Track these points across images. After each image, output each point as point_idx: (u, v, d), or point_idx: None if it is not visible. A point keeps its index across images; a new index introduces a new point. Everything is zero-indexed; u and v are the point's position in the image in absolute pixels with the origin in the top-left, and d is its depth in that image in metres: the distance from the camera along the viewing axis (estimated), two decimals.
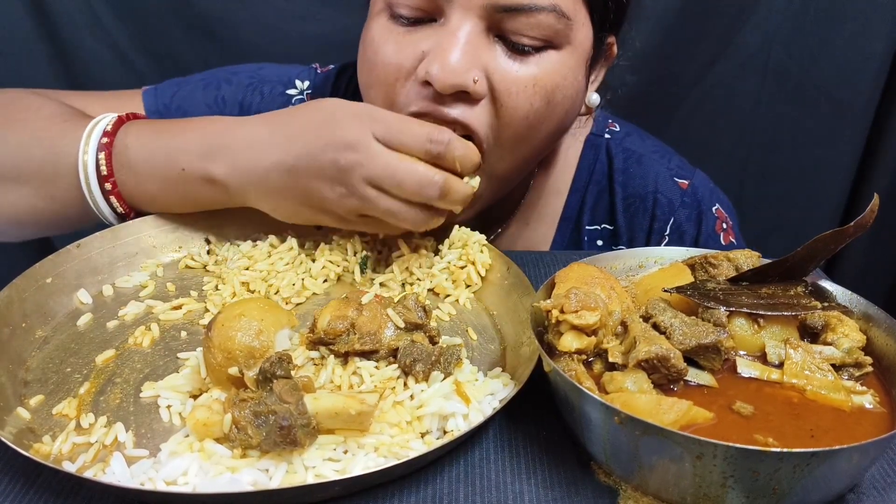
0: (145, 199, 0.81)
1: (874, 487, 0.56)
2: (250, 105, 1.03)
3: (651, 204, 0.99)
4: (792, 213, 1.65)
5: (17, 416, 0.59)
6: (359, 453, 0.55)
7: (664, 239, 1.00)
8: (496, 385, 0.62)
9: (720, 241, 1.00)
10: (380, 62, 0.78)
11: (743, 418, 0.55)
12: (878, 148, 1.58)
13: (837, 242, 0.65)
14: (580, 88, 0.83)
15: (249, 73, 1.05)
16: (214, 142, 0.76)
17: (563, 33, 0.76)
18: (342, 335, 0.64)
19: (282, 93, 1.04)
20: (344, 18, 1.41)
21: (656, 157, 1.02)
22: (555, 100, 0.79)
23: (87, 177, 0.78)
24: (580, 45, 0.79)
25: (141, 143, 0.79)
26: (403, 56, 0.77)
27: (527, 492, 0.55)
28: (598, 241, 1.03)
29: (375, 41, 0.79)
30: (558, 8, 0.74)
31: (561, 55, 0.78)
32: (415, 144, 0.70)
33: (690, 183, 1.00)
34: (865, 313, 0.65)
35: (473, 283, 0.80)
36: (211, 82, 1.03)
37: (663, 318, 0.61)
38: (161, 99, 1.01)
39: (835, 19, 1.45)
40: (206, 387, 0.62)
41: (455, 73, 0.73)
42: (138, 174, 0.79)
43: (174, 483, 0.52)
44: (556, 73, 0.78)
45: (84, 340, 0.69)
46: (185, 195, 0.79)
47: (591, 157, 1.02)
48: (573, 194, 1.02)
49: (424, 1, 0.75)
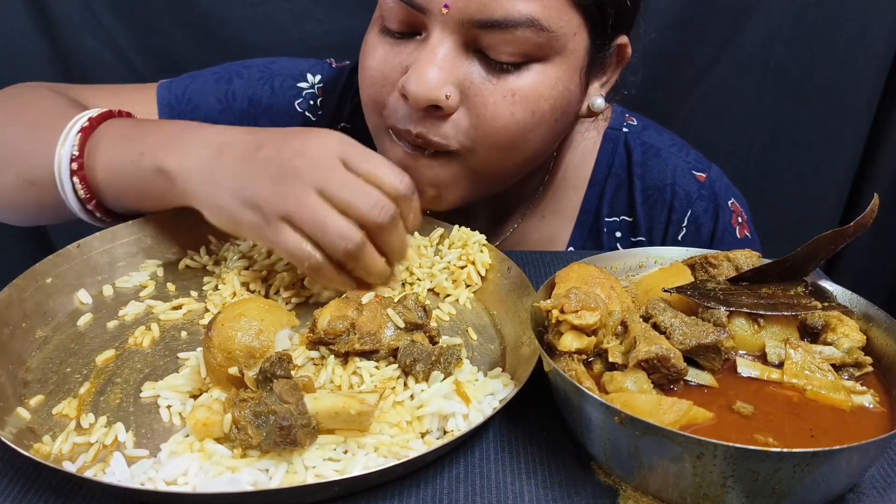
0: (105, 182, 0.79)
1: (874, 487, 0.56)
2: (260, 99, 1.02)
3: (670, 196, 1.00)
4: (792, 213, 1.65)
5: (17, 416, 0.59)
6: (359, 453, 0.55)
7: (682, 231, 1.01)
8: (496, 385, 0.62)
9: (736, 234, 1.02)
10: (369, 70, 0.81)
11: (743, 418, 0.55)
12: (878, 148, 1.58)
13: (837, 242, 0.65)
14: (572, 97, 0.82)
15: (261, 66, 1.05)
16: (179, 136, 0.76)
17: (547, 45, 0.75)
18: (342, 335, 0.64)
19: (292, 86, 1.04)
20: (344, 18, 1.40)
21: (674, 151, 1.03)
22: (540, 110, 0.79)
23: (61, 157, 0.78)
24: (571, 54, 0.78)
25: (115, 130, 0.80)
26: (389, 67, 0.79)
27: (527, 492, 0.55)
28: (617, 232, 1.03)
29: (368, 49, 0.82)
30: (537, 22, 0.73)
31: (546, 66, 0.77)
32: (362, 206, 0.68)
33: (708, 176, 1.02)
34: (865, 313, 0.65)
35: (473, 283, 0.80)
36: (223, 76, 1.03)
37: (663, 318, 0.61)
38: (174, 91, 1.01)
39: (835, 19, 1.45)
40: (206, 387, 0.62)
41: (429, 89, 0.74)
42: (104, 156, 0.78)
43: (174, 483, 0.52)
44: (541, 85, 0.78)
45: (84, 340, 0.69)
46: (135, 182, 0.77)
47: (609, 151, 1.02)
48: (592, 187, 1.02)
49: (407, 16, 0.76)
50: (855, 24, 1.45)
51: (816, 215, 1.65)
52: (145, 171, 0.75)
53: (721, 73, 1.51)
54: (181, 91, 1.01)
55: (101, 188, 0.79)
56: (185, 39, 1.42)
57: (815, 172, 1.61)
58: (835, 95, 1.51)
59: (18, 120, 0.86)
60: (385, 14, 0.79)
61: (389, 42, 0.79)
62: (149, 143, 0.76)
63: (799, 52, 1.48)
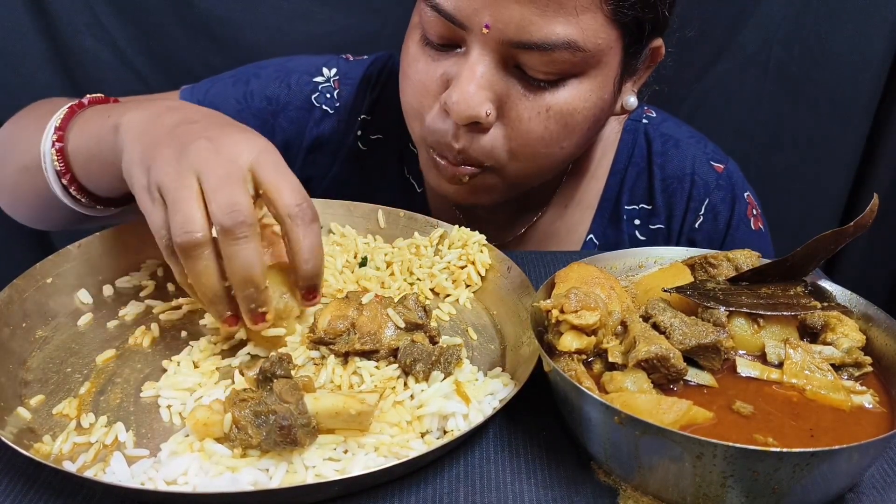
0: (75, 151, 0.78)
1: (874, 487, 0.56)
2: (278, 97, 1.03)
3: (689, 185, 1.02)
4: (792, 213, 1.65)
5: (17, 415, 0.59)
6: (359, 453, 0.55)
7: (699, 218, 1.03)
8: (496, 385, 0.62)
9: (751, 225, 1.03)
10: (410, 81, 0.84)
11: (743, 418, 0.55)
12: (878, 148, 1.58)
13: (837, 242, 0.65)
14: (605, 105, 0.84)
15: (277, 66, 1.06)
16: (150, 100, 0.76)
17: (583, 62, 0.77)
18: (342, 335, 0.64)
19: (308, 82, 1.04)
20: (344, 18, 1.40)
21: (692, 142, 1.05)
22: (573, 122, 0.81)
23: (48, 133, 0.79)
24: (606, 66, 0.80)
25: (101, 106, 0.80)
26: (429, 78, 0.81)
27: (527, 492, 0.55)
28: (636, 220, 1.05)
29: (409, 60, 0.84)
30: (574, 44, 0.74)
31: (581, 81, 0.79)
32: (217, 201, 0.61)
33: (726, 168, 1.04)
34: (865, 313, 0.65)
35: (473, 283, 0.80)
36: (240, 78, 1.04)
37: (663, 318, 0.61)
38: (196, 96, 1.01)
39: (835, 19, 1.45)
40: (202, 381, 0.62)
41: (469, 107, 0.76)
42: (79, 124, 0.78)
43: (174, 483, 0.52)
44: (576, 99, 0.79)
45: (84, 340, 0.69)
46: (97, 144, 0.74)
47: (629, 141, 1.04)
48: (613, 176, 1.04)
49: (448, 31, 0.78)
50: (855, 24, 1.45)
51: (816, 215, 1.65)
52: (105, 130, 0.73)
53: (721, 73, 1.51)
54: (202, 95, 1.01)
55: (72, 157, 0.78)
56: (185, 39, 1.42)
57: (815, 172, 1.61)
58: (835, 95, 1.51)
59: (28, 119, 0.88)
60: (425, 25, 0.80)
61: (430, 54, 0.81)
62: (119, 109, 0.74)
63: (799, 52, 1.48)
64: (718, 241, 1.02)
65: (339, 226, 0.87)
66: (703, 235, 1.02)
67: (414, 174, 1.05)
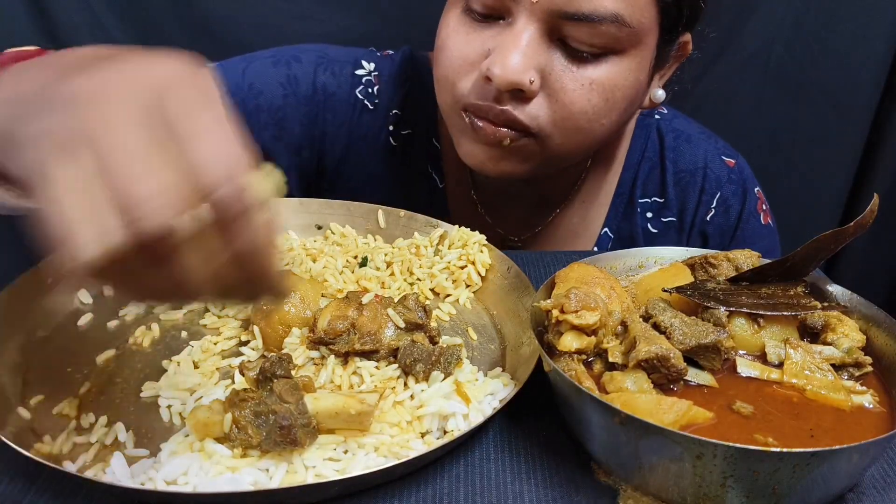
0: None
1: (874, 487, 0.56)
2: (326, 86, 1.01)
3: (701, 178, 1.04)
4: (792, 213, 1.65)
5: (17, 415, 0.59)
6: (359, 453, 0.55)
7: (711, 211, 1.04)
8: (496, 385, 0.62)
9: (760, 220, 1.06)
10: (449, 51, 0.83)
11: (743, 418, 0.55)
12: (878, 148, 1.58)
13: (837, 242, 0.65)
14: (641, 88, 0.85)
15: (316, 52, 1.04)
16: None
17: (626, 40, 0.78)
18: (342, 335, 0.64)
19: (352, 73, 1.03)
20: (344, 18, 1.40)
21: (704, 138, 1.07)
22: (614, 98, 0.81)
23: None
24: (645, 48, 0.81)
25: (33, 61, 0.54)
26: (470, 49, 0.81)
27: (527, 492, 0.55)
28: (648, 213, 1.06)
29: (448, 31, 0.83)
30: (621, 18, 0.75)
31: (622, 58, 0.80)
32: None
33: (737, 163, 1.06)
34: (865, 313, 0.65)
35: (473, 283, 0.80)
36: (280, 59, 1.01)
37: (663, 318, 0.61)
38: (232, 77, 0.98)
39: (835, 19, 1.45)
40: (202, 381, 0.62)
41: (514, 72, 0.76)
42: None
43: (174, 483, 0.52)
44: (617, 75, 0.80)
45: (84, 340, 0.69)
46: None
47: (642, 136, 1.06)
48: (626, 171, 1.06)
49: (495, 1, 0.78)
50: (855, 24, 1.45)
51: (816, 215, 1.65)
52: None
53: (721, 73, 1.51)
54: (239, 76, 0.98)
55: None
56: (186, 40, 1.42)
57: (815, 172, 1.61)
58: (835, 95, 1.51)
59: None
60: None
61: (472, 24, 0.82)
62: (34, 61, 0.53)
63: (799, 52, 1.48)
64: (729, 234, 1.04)
65: (339, 226, 0.87)
66: (714, 228, 1.04)
67: (437, 169, 1.05)
